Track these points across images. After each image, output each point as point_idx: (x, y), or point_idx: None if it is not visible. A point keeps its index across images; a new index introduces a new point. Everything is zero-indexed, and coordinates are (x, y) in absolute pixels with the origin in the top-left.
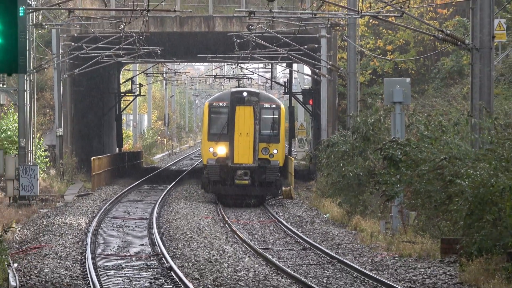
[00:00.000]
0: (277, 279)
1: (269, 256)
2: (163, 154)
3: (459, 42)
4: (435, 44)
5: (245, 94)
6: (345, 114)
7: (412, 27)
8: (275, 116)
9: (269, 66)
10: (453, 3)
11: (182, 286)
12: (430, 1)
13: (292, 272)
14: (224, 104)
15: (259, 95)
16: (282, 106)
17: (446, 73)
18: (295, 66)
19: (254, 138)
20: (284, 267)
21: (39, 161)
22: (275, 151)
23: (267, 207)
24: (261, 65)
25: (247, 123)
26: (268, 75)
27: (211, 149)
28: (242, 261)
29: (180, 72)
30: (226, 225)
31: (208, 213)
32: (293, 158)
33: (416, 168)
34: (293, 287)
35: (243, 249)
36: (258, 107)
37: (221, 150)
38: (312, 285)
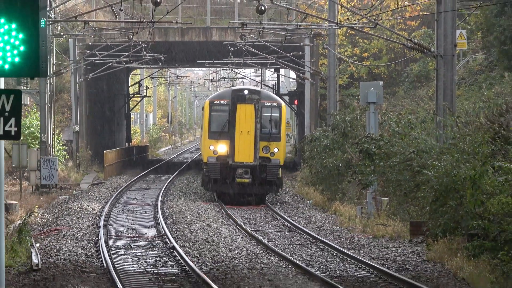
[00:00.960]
0: (266, 257)
1: (259, 237)
2: (167, 148)
3: (425, 50)
4: (404, 52)
5: (246, 92)
6: (326, 113)
7: (385, 36)
8: (276, 115)
9: (260, 71)
10: (420, 16)
11: (184, 264)
12: (400, 14)
13: (280, 251)
14: (225, 102)
15: (260, 93)
16: (283, 104)
17: (414, 77)
18: (282, 71)
19: (255, 137)
20: (273, 247)
21: (58, 154)
22: (276, 150)
23: None
24: (253, 70)
25: (248, 121)
26: (258, 79)
27: (212, 147)
28: (236, 242)
29: (181, 76)
30: (222, 210)
31: (206, 200)
32: None
33: (388, 160)
34: (281, 264)
35: (237, 231)
36: (259, 105)
37: (222, 148)
38: (297, 262)
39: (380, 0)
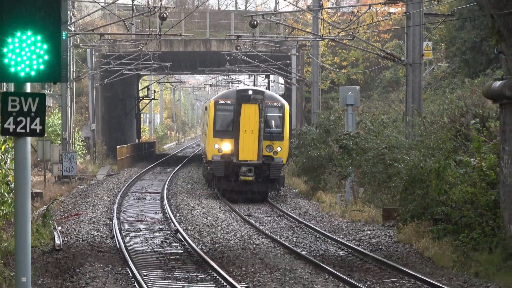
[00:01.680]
0: (258, 239)
1: (252, 221)
2: (172, 143)
3: (396, 59)
4: (378, 61)
5: (250, 92)
6: (310, 114)
7: (361, 47)
8: (279, 115)
9: (252, 77)
10: (392, 30)
11: (186, 244)
12: (374, 28)
13: (270, 234)
14: (230, 102)
15: (264, 93)
16: (286, 105)
17: (387, 82)
18: (272, 77)
19: (259, 136)
20: (264, 230)
21: (77, 149)
22: (279, 149)
23: None
24: (246, 76)
25: (252, 121)
26: (251, 84)
27: (216, 146)
28: (232, 225)
29: (184, 82)
30: (219, 198)
31: (206, 189)
32: None
33: (364, 155)
34: (271, 245)
35: (232, 216)
36: (263, 105)
37: (226, 146)
38: (285, 243)
39: (357, 16)
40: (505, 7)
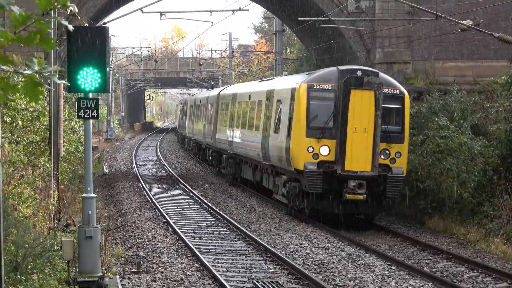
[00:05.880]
0: (204, 169)
1: (199, 160)
2: (161, 122)
3: None
4: None
5: (360, 73)
6: None
7: (253, 75)
8: (397, 106)
9: (200, 90)
10: (268, 66)
11: (169, 171)
12: (260, 65)
13: (208, 166)
14: (330, 87)
15: (379, 76)
16: (406, 93)
17: None
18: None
19: (374, 137)
20: (206, 165)
21: (114, 125)
22: (397, 155)
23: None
24: (197, 90)
25: (365, 115)
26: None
27: (311, 149)
28: (190, 162)
29: (167, 92)
30: (183, 149)
31: (178, 144)
32: None
33: None
34: (209, 171)
35: (191, 157)
36: (381, 92)
37: (325, 150)
38: (223, 171)
39: (251, 59)
40: (322, 56)
